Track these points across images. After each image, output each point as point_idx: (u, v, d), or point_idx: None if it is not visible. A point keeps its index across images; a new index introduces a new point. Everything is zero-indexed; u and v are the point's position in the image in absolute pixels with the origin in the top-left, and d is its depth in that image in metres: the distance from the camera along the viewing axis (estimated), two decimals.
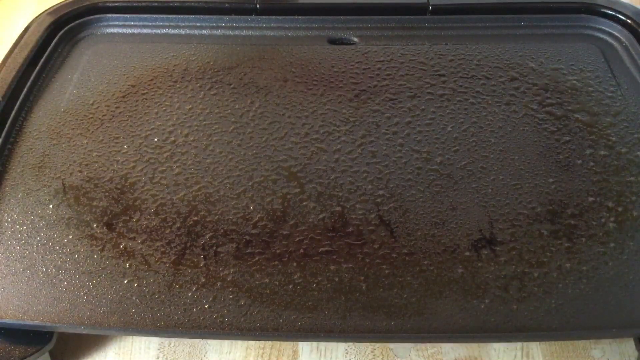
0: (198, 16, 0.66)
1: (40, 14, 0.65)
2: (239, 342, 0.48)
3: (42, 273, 0.45)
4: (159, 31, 0.66)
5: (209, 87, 0.59)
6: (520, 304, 0.43)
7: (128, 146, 0.54)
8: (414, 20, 0.65)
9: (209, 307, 0.44)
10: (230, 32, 0.65)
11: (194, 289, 0.44)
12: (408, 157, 0.52)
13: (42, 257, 0.46)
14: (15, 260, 0.46)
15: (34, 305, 0.44)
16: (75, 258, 0.46)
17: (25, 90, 0.58)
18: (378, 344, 0.48)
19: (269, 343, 0.48)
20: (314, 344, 0.48)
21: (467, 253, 0.46)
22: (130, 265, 0.46)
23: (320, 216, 0.48)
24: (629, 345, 0.47)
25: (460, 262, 0.46)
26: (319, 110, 0.56)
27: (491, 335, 0.44)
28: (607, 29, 0.64)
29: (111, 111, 0.57)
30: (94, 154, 0.53)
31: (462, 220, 0.48)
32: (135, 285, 0.45)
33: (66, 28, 0.65)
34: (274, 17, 0.65)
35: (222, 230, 0.48)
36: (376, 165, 0.52)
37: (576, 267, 0.45)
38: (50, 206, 0.49)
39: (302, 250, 0.46)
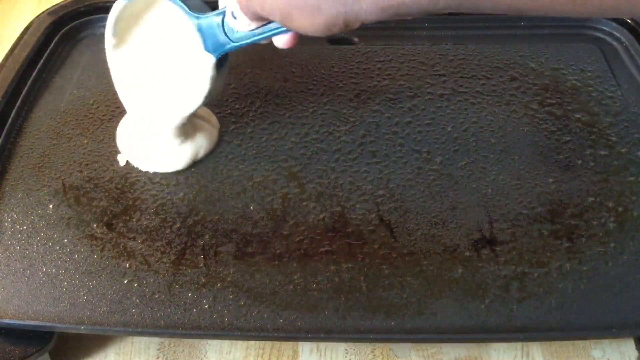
0: None
1: (40, 14, 0.65)
2: (239, 342, 0.48)
3: (42, 273, 0.45)
4: None
5: None
6: (520, 304, 0.43)
7: None
8: (414, 20, 0.65)
9: (209, 307, 0.44)
10: None
11: (194, 289, 0.44)
12: (408, 157, 0.52)
13: (42, 257, 0.46)
14: (15, 260, 0.46)
15: (34, 305, 0.44)
16: (75, 258, 0.46)
17: (25, 90, 0.58)
18: (378, 344, 0.48)
19: (269, 343, 0.48)
20: (314, 344, 0.48)
21: (467, 253, 0.46)
22: (130, 265, 0.46)
23: (320, 216, 0.48)
24: (629, 345, 0.47)
25: (460, 262, 0.46)
26: (319, 110, 0.56)
27: (491, 336, 0.44)
28: (607, 29, 0.64)
29: (111, 111, 0.56)
30: (94, 154, 0.53)
31: (462, 220, 0.48)
32: (135, 285, 0.45)
33: (66, 28, 0.64)
34: None
35: (222, 230, 0.48)
36: (376, 165, 0.52)
37: (576, 267, 0.45)
38: (50, 206, 0.49)
39: (302, 250, 0.46)
